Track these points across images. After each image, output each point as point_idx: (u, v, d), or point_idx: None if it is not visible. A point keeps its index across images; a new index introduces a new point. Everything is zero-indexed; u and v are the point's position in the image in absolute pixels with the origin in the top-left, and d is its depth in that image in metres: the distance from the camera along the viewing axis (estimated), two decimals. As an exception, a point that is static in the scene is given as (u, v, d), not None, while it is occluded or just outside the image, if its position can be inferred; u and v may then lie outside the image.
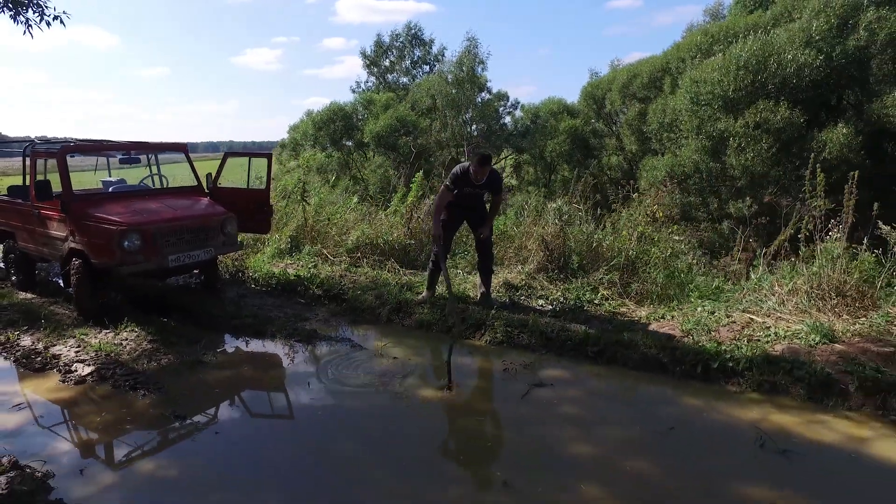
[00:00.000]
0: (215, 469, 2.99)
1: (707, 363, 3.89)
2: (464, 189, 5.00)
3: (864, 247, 5.10)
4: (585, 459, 3.01)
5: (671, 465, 2.95)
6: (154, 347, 4.52)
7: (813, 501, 2.65)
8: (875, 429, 3.25)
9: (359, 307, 5.32)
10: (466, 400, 3.66)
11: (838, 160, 12.77)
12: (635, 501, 2.65)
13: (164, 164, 6.69)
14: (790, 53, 13.58)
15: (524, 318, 4.65)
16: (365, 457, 3.04)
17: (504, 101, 21.06)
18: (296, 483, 2.83)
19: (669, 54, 17.96)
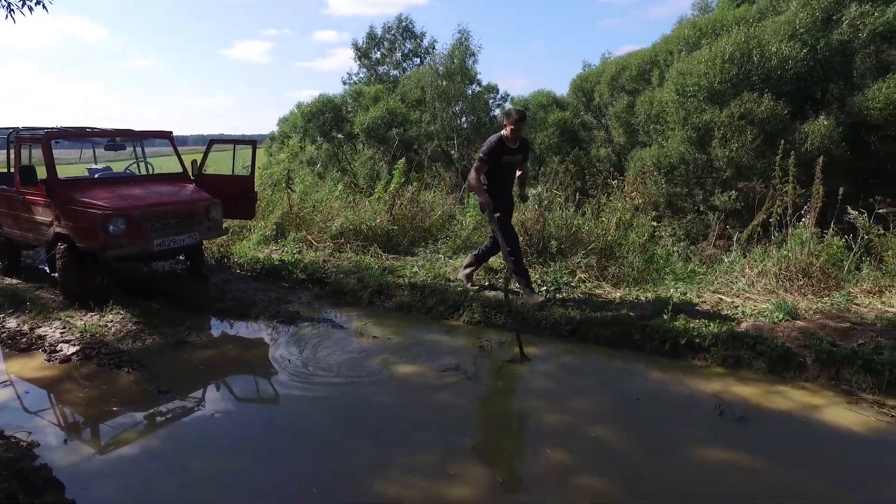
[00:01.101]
0: (197, 439, 3.11)
1: (676, 340, 4.05)
2: (502, 159, 4.73)
3: (832, 232, 5.28)
4: (553, 427, 3.15)
5: (634, 431, 3.10)
6: (139, 329, 4.62)
7: (764, 461, 2.80)
8: (827, 397, 3.42)
9: (341, 290, 5.44)
10: (441, 375, 3.79)
11: (820, 151, 12.99)
12: (597, 463, 2.79)
13: (151, 157, 6.76)
14: (774, 46, 13.78)
15: (501, 298, 4.79)
16: (339, 428, 3.17)
17: (494, 94, 21.14)
18: (273, 450, 2.96)
19: (658, 47, 18.11)
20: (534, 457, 2.86)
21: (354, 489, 2.62)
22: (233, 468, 2.80)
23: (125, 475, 2.74)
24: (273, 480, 2.68)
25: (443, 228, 6.59)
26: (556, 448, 2.91)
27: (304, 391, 3.60)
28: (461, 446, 2.93)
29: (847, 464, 2.82)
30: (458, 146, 20.31)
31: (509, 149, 4.71)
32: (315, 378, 3.77)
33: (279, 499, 2.55)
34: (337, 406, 3.40)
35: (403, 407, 3.39)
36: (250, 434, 3.14)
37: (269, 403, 3.52)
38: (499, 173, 4.79)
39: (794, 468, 2.77)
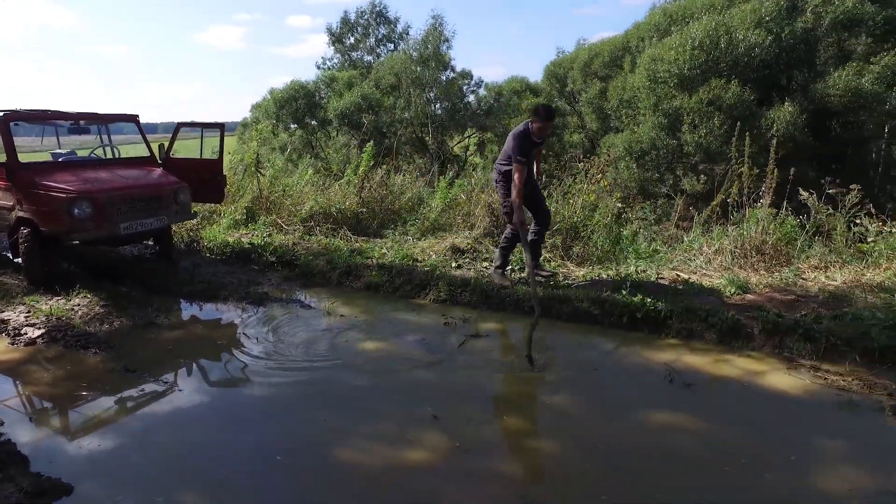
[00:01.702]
0: (163, 414, 3.16)
1: (633, 314, 4.22)
2: (531, 152, 4.74)
3: (785, 212, 5.50)
4: (511, 397, 3.29)
5: (588, 398, 3.26)
6: (106, 311, 4.62)
7: (705, 423, 2.98)
8: (770, 364, 3.62)
9: (310, 272, 5.50)
10: (405, 350, 3.90)
11: (785, 137, 13.36)
12: (549, 428, 2.94)
13: (120, 143, 6.69)
14: (741, 33, 14.07)
15: (467, 277, 4.91)
16: (304, 401, 3.26)
17: (468, 80, 21.14)
18: (238, 423, 3.04)
19: (630, 34, 18.31)
20: (491, 424, 2.99)
21: (317, 455, 2.72)
22: (198, 441, 2.88)
23: (91, 450, 2.79)
24: (238, 450, 2.77)
25: (412, 211, 6.68)
26: (511, 415, 3.05)
27: (270, 368, 3.67)
28: (422, 416, 3.05)
29: (779, 422, 3.01)
30: (433, 132, 20.32)
31: (535, 143, 4.73)
32: (281, 355, 3.85)
33: (243, 467, 2.64)
34: (302, 381, 3.49)
35: (367, 381, 3.48)
36: (217, 409, 3.21)
37: (235, 380, 3.58)
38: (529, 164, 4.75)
39: (733, 428, 2.96)
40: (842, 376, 3.42)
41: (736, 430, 2.93)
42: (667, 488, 2.46)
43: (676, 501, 2.37)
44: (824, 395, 3.25)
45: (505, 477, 2.55)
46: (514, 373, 3.57)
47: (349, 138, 20.26)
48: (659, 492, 2.44)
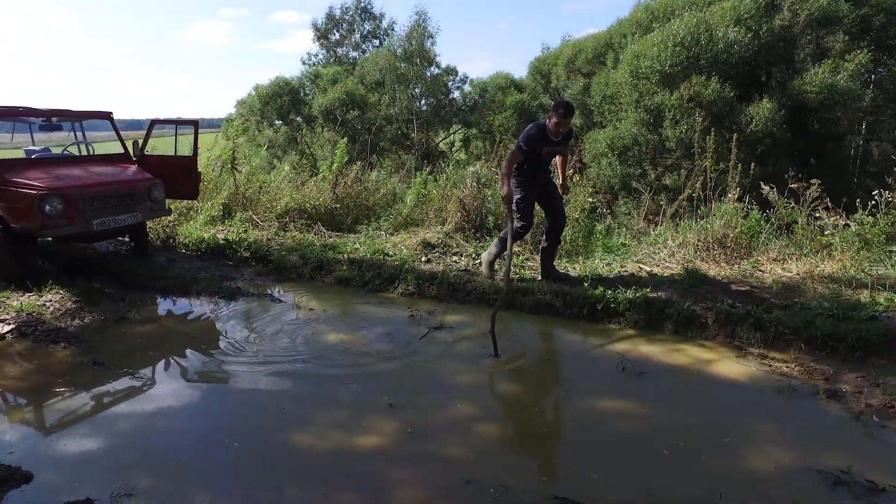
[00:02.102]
0: (127, 404, 3.24)
1: (593, 306, 4.35)
2: (542, 149, 4.51)
3: (750, 205, 5.66)
4: (466, 386, 3.40)
5: (539, 386, 3.38)
6: (78, 307, 4.69)
7: (651, 408, 3.11)
8: (721, 352, 3.76)
9: (283, 267, 5.59)
10: (369, 342, 4.01)
11: (763, 133, 13.60)
12: (499, 413, 3.06)
13: (98, 140, 6.73)
14: (721, 30, 14.26)
15: (435, 271, 5.02)
16: (266, 390, 3.35)
17: (453, 76, 21.22)
18: (200, 412, 3.14)
19: (613, 30, 18.47)
20: (444, 410, 3.10)
21: (273, 441, 2.83)
22: (158, 430, 2.96)
23: (53, 439, 2.87)
24: (196, 437, 2.87)
25: (386, 207, 6.78)
26: (464, 402, 3.17)
27: (235, 360, 3.76)
28: (379, 404, 3.15)
29: (721, 407, 3.15)
30: (418, 129, 20.39)
31: (550, 140, 4.48)
32: (248, 347, 3.94)
33: (200, 453, 2.74)
34: (265, 372, 3.58)
35: (328, 372, 3.59)
36: (179, 399, 3.30)
37: (200, 372, 3.66)
38: (534, 163, 4.59)
39: (676, 413, 3.10)
40: (786, 363, 3.57)
41: (679, 415, 3.06)
42: (603, 469, 2.59)
43: (610, 481, 2.50)
44: (767, 381, 3.39)
45: (451, 459, 2.66)
46: (472, 362, 3.69)
47: (334, 134, 20.28)
48: (595, 472, 2.56)
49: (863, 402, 3.08)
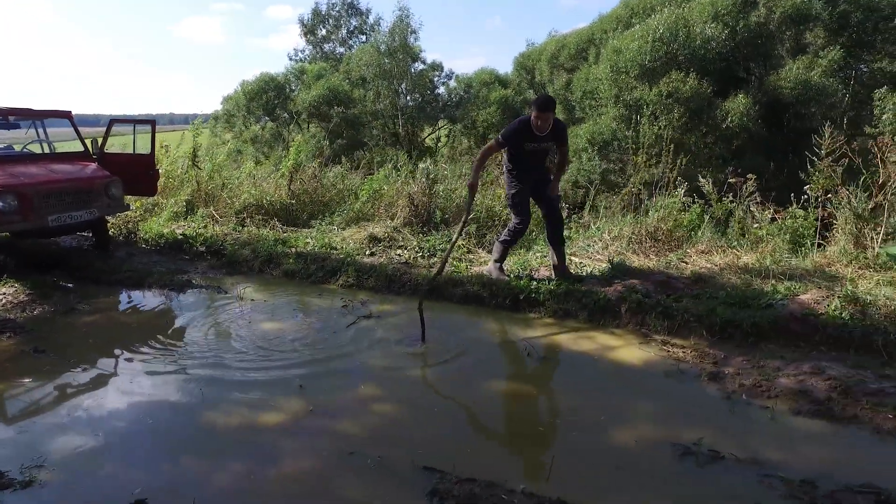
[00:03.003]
0: (59, 388, 3.49)
1: (517, 296, 4.60)
2: (525, 146, 4.47)
3: (681, 199, 5.90)
4: (376, 369, 3.65)
5: (442, 370, 3.63)
6: (30, 299, 4.94)
7: (542, 390, 3.37)
8: (627, 339, 4.01)
9: (235, 260, 5.84)
10: (298, 329, 4.27)
11: (739, 128, 13.84)
12: (398, 395, 3.32)
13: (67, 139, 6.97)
14: (698, 27, 14.48)
15: (375, 263, 5.28)
16: (189, 372, 3.60)
17: (439, 72, 21.41)
18: (124, 392, 3.39)
19: (595, 26, 18.67)
20: (349, 391, 3.36)
21: (184, 418, 3.08)
22: (84, 407, 3.22)
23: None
24: (115, 416, 3.13)
25: (342, 202, 7.03)
26: (368, 384, 3.43)
27: (168, 346, 4.02)
28: (291, 386, 3.41)
29: (608, 389, 3.39)
30: (403, 124, 20.58)
31: (534, 135, 4.44)
32: (182, 336, 4.20)
33: (117, 429, 2.99)
34: (194, 357, 3.84)
35: (253, 357, 3.84)
36: (108, 382, 3.55)
37: (131, 357, 3.90)
38: (522, 160, 4.58)
39: (564, 395, 3.36)
40: (683, 349, 3.82)
41: (565, 397, 3.32)
42: (476, 443, 2.85)
43: (478, 453, 2.75)
44: (661, 364, 3.64)
45: (342, 434, 2.92)
46: (388, 348, 3.94)
47: (319, 130, 20.50)
48: (468, 446, 2.82)
49: (737, 383, 3.33)
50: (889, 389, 3.12)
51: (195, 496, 2.45)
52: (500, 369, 3.65)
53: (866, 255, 4.83)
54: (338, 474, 2.62)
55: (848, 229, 5.01)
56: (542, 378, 3.51)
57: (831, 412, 3.03)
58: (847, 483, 2.46)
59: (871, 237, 4.97)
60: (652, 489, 2.49)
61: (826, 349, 3.70)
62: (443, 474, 2.55)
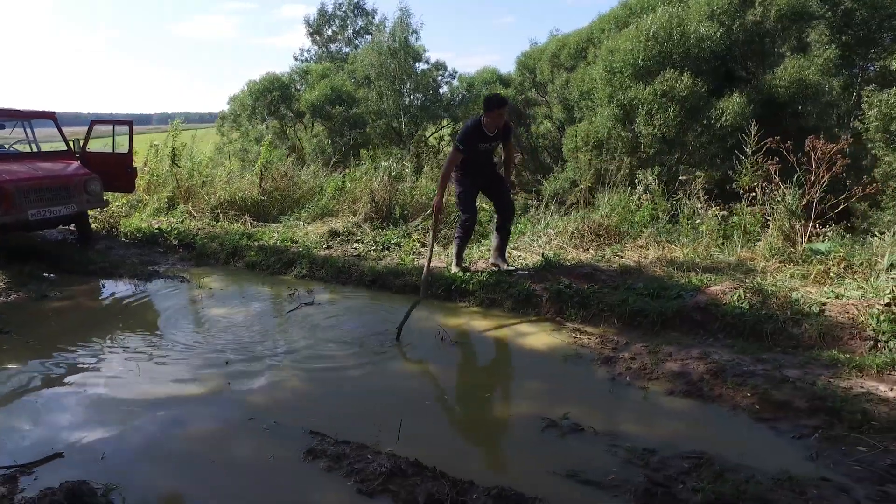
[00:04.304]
0: (17, 361, 3.91)
1: (450, 287, 4.93)
2: (478, 146, 4.65)
3: (628, 196, 6.16)
4: (300, 349, 4.01)
5: (359, 353, 3.95)
6: (7, 287, 5.41)
7: (443, 370, 3.69)
8: (542, 327, 4.31)
9: (204, 253, 6.28)
10: (243, 315, 4.65)
11: (733, 127, 13.92)
12: (308, 372, 3.67)
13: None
14: (692, 25, 14.60)
15: (325, 256, 5.66)
16: (130, 350, 4.00)
17: (442, 72, 21.76)
18: (69, 367, 3.80)
19: (594, 25, 18.84)
20: (269, 368, 3.72)
21: (113, 392, 3.47)
22: (29, 381, 3.63)
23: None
24: (57, 388, 3.53)
25: (311, 199, 7.42)
26: (289, 362, 3.79)
27: (123, 327, 4.43)
28: (219, 363, 3.79)
29: (506, 371, 3.73)
30: (406, 123, 20.97)
31: (486, 135, 4.64)
32: (139, 318, 4.62)
33: (55, 399, 3.40)
34: (141, 338, 4.24)
35: (193, 339, 4.22)
36: (60, 357, 3.96)
37: (86, 337, 4.31)
38: (473, 160, 4.76)
39: (463, 375, 3.67)
40: (591, 336, 4.11)
41: (462, 376, 3.65)
42: (365, 414, 3.17)
43: (363, 422, 3.08)
44: (563, 349, 3.94)
45: (248, 403, 3.28)
46: (317, 331, 4.30)
47: (322, 129, 20.99)
48: (359, 417, 3.15)
49: (625, 367, 3.61)
50: (758, 371, 3.38)
51: (105, 451, 2.83)
52: (410, 352, 3.97)
53: (794, 250, 5.04)
54: (235, 435, 2.99)
55: (778, 225, 5.23)
56: (446, 360, 3.82)
57: (700, 392, 3.30)
58: (681, 451, 2.74)
59: (801, 233, 5.18)
60: (507, 454, 2.81)
61: (722, 336, 3.96)
62: (323, 437, 2.89)
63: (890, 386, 3.18)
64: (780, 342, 3.79)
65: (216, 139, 21.93)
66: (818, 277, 4.53)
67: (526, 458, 2.78)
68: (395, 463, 2.64)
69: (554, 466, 2.67)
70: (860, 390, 3.15)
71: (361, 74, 21.22)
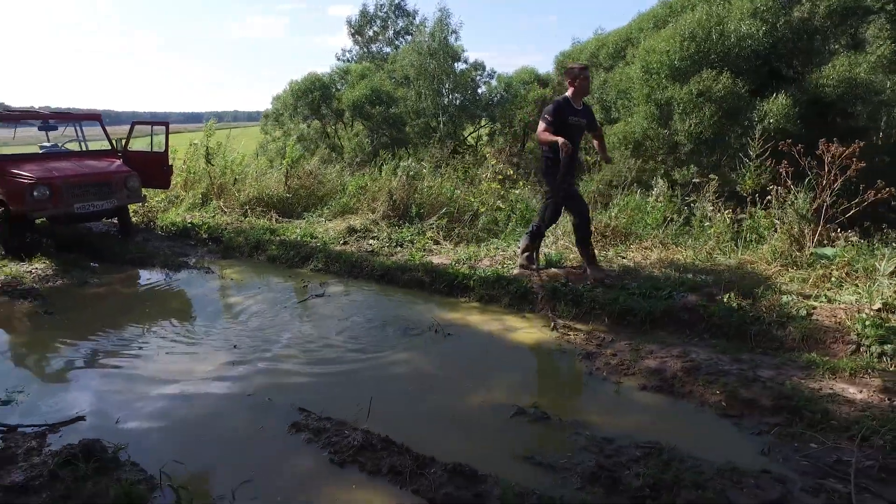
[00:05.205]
0: (50, 336, 4.41)
1: (452, 282, 5.19)
2: (568, 119, 4.62)
3: (655, 197, 6.26)
4: (302, 336, 4.35)
5: (357, 339, 4.27)
6: (54, 274, 6.00)
7: (432, 360, 3.95)
8: (534, 323, 4.52)
9: (230, 246, 6.75)
10: (255, 303, 5.05)
11: (776, 129, 13.61)
12: (309, 356, 4.00)
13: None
14: (732, 24, 14.35)
15: (340, 251, 6.01)
16: (152, 330, 4.43)
17: (481, 71, 21.98)
18: (95, 339, 4.25)
19: (633, 25, 18.70)
20: (272, 352, 4.07)
21: (132, 363, 3.89)
22: (62, 353, 4.11)
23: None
24: (84, 357, 3.99)
25: (335, 196, 7.82)
26: (292, 347, 4.14)
27: (148, 310, 4.90)
28: (226, 346, 4.17)
29: (491, 362, 3.92)
30: (444, 123, 21.30)
31: (575, 109, 4.67)
32: (164, 303, 5.08)
33: (79, 369, 3.85)
34: (163, 318, 4.69)
35: (208, 322, 4.64)
36: (91, 334, 4.43)
37: (118, 316, 4.79)
38: (567, 136, 4.54)
39: (450, 364, 3.91)
40: (580, 332, 4.29)
41: (446, 367, 3.87)
42: (350, 394, 3.47)
43: (345, 401, 3.38)
44: (550, 344, 4.14)
45: (247, 381, 3.63)
46: (321, 320, 4.64)
47: (362, 128, 21.56)
48: (344, 397, 3.45)
49: (605, 362, 3.79)
50: (732, 371, 3.50)
51: (119, 416, 3.24)
52: (404, 341, 4.24)
53: (799, 255, 5.07)
54: (232, 408, 3.35)
55: (785, 228, 5.25)
56: (436, 350, 4.08)
57: (671, 388, 3.45)
58: (637, 441, 2.92)
59: (809, 237, 5.19)
60: (473, 436, 3.05)
61: (708, 336, 4.08)
62: (309, 413, 3.22)
63: (860, 388, 3.26)
64: (763, 344, 3.89)
65: (260, 137, 22.81)
66: (817, 282, 4.57)
67: (490, 440, 3.02)
68: (366, 438, 2.93)
69: (514, 449, 2.90)
70: (828, 391, 3.24)
71: (401, 74, 21.67)
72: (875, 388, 3.24)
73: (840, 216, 5.36)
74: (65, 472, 2.66)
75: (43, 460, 2.79)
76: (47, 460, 2.77)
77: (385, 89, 20.50)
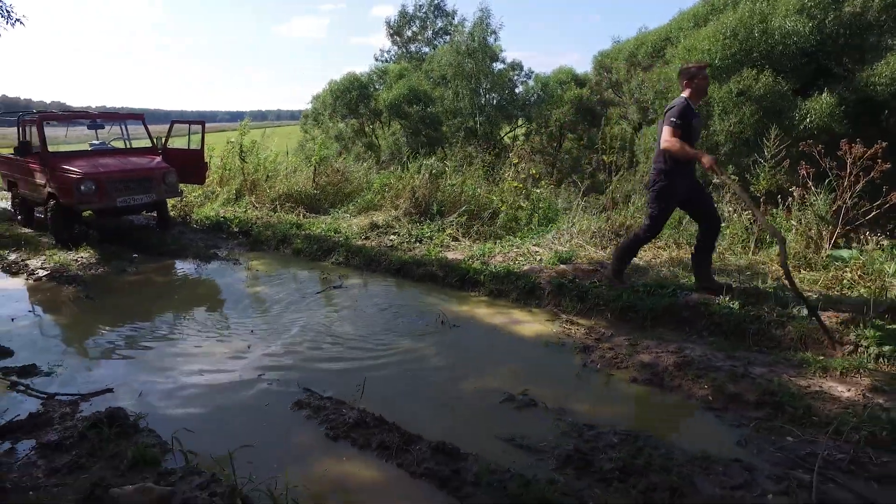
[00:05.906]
0: (90, 315, 4.84)
1: (463, 277, 5.40)
2: (692, 121, 4.41)
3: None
4: (312, 323, 4.65)
5: (370, 330, 4.53)
6: (97, 262, 6.51)
7: (435, 348, 4.17)
8: (538, 317, 4.69)
9: (258, 239, 7.15)
10: (275, 292, 5.39)
11: (819, 129, 13.25)
12: (323, 342, 4.28)
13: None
14: (776, 21, 14.04)
15: (360, 245, 6.31)
16: (178, 315, 4.81)
17: (518, 71, 22.09)
18: (122, 319, 4.65)
19: (673, 23, 18.46)
20: (288, 338, 4.38)
21: (158, 343, 4.26)
22: (100, 333, 4.52)
23: (32, 331, 4.54)
24: (116, 336, 4.39)
25: (361, 193, 8.14)
26: (308, 334, 4.43)
27: (178, 298, 5.30)
28: (244, 331, 4.50)
29: (491, 353, 4.11)
30: (482, 122, 21.50)
31: (694, 111, 4.45)
32: (193, 291, 5.48)
33: (110, 347, 4.24)
34: (190, 304, 5.07)
35: (230, 307, 5.00)
36: (128, 317, 4.84)
37: (152, 303, 5.21)
38: (688, 140, 4.35)
39: (452, 354, 4.12)
40: (581, 326, 4.44)
41: (449, 355, 4.09)
42: (351, 376, 3.72)
43: (343, 382, 3.63)
44: (549, 337, 4.30)
45: (260, 363, 3.94)
46: (335, 310, 4.93)
47: (399, 127, 21.97)
48: (343, 377, 3.70)
49: (600, 356, 3.93)
50: (724, 367, 3.59)
51: (143, 390, 3.59)
52: (411, 331, 4.48)
53: (814, 256, 5.06)
54: (243, 386, 3.65)
55: (802, 230, 5.24)
56: (440, 340, 4.30)
57: (661, 381, 3.57)
58: (617, 428, 3.07)
59: (826, 238, 5.18)
60: (461, 419, 3.26)
61: (707, 334, 4.17)
62: (312, 393, 3.49)
63: (848, 387, 3.31)
64: (761, 342, 3.95)
65: (298, 136, 23.49)
66: (828, 284, 4.58)
67: (477, 423, 3.22)
68: (361, 416, 3.18)
69: (498, 432, 3.10)
70: (816, 389, 3.31)
71: (438, 74, 21.96)
72: (863, 387, 3.28)
73: (861, 218, 5.32)
74: (92, 434, 3.01)
75: (74, 424, 3.15)
76: (78, 424, 3.13)
77: (422, 89, 20.83)
